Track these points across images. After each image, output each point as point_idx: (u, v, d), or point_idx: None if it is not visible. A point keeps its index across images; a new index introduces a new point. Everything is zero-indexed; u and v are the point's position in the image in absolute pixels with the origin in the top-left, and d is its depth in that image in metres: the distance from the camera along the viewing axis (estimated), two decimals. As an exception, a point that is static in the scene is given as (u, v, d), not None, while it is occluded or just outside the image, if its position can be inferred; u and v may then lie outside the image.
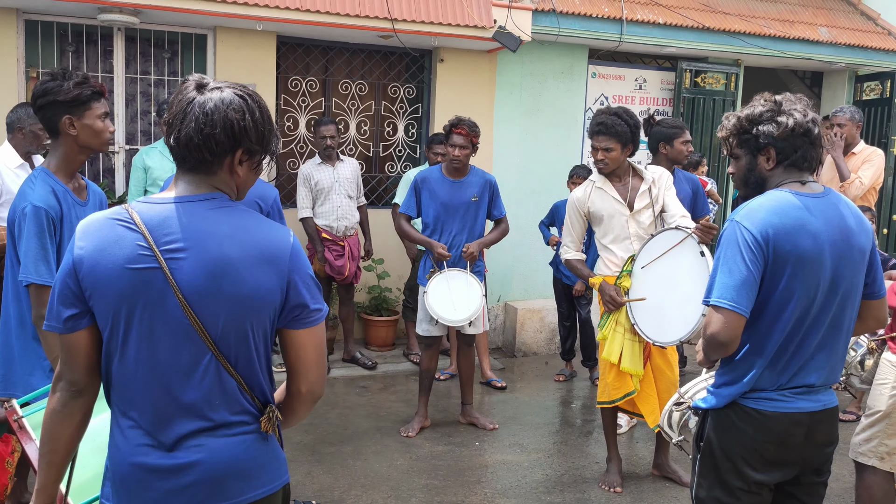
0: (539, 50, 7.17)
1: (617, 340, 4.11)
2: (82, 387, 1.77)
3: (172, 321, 1.69)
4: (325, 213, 6.05)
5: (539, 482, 4.36)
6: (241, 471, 1.76)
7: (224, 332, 1.71)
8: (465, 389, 5.19)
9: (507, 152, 7.26)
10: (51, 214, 2.66)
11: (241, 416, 1.76)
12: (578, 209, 4.24)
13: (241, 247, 1.71)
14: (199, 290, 1.68)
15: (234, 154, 1.75)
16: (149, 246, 1.68)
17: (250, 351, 1.75)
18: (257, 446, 1.79)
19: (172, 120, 1.73)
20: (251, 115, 1.74)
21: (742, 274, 2.22)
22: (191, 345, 1.70)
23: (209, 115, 1.70)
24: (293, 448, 4.67)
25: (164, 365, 1.71)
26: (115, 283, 1.68)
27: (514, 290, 7.42)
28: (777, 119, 2.32)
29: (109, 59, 6.20)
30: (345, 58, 6.96)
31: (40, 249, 2.63)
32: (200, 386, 1.71)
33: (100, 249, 1.69)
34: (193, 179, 1.76)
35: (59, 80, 2.72)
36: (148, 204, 1.74)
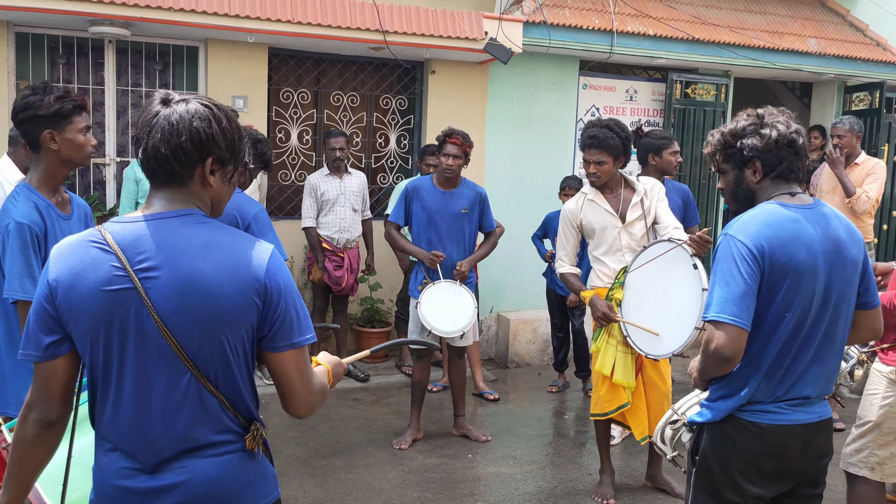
0: (530, 61, 7.19)
1: (609, 353, 4.10)
2: (55, 418, 1.77)
3: (150, 342, 1.67)
4: (328, 224, 6.06)
5: (532, 494, 4.34)
6: (227, 491, 1.75)
7: (201, 351, 1.69)
8: (457, 401, 5.18)
9: (499, 163, 7.27)
10: (34, 230, 2.63)
11: (224, 435, 1.74)
12: (571, 222, 4.24)
13: (213, 263, 1.68)
14: (173, 308, 1.66)
15: (203, 164, 1.74)
16: (122, 266, 1.66)
17: (230, 368, 1.73)
18: (243, 465, 1.77)
19: (139, 134, 1.74)
20: (217, 123, 1.74)
21: (740, 287, 2.22)
22: (169, 365, 1.68)
23: (174, 125, 1.70)
24: (285, 461, 4.64)
25: (144, 387, 1.69)
26: (91, 306, 1.67)
27: (506, 300, 7.41)
28: (760, 132, 2.34)
29: (100, 71, 6.19)
30: (336, 69, 6.97)
31: (25, 266, 2.61)
32: (182, 406, 1.70)
33: (75, 273, 1.68)
34: (166, 195, 1.75)
35: (39, 95, 2.69)
36: (120, 224, 1.73)
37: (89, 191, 6.26)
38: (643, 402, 4.13)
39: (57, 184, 2.82)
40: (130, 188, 5.30)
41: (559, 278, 4.37)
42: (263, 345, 1.76)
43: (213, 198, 1.81)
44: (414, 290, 4.96)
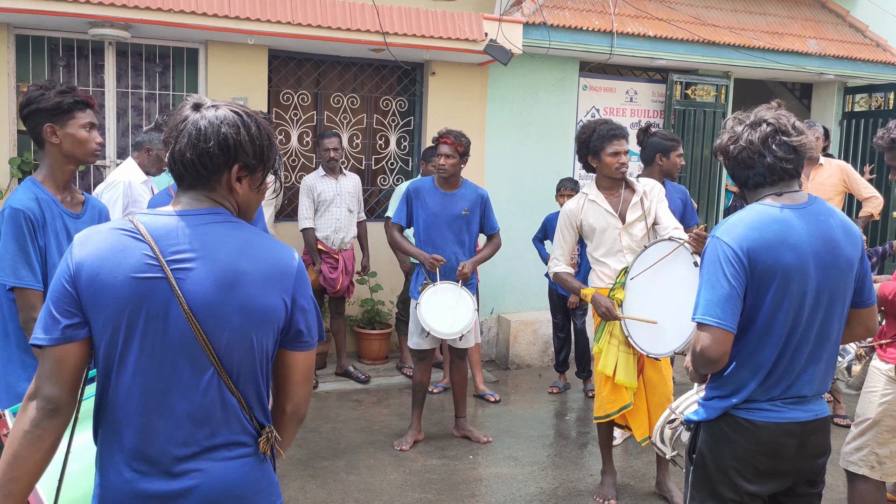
0: (530, 63, 7.20)
1: (612, 353, 4.09)
2: (60, 405, 1.67)
3: (175, 334, 1.66)
4: (324, 225, 6.07)
5: (534, 495, 4.33)
6: (239, 496, 1.73)
7: (228, 348, 1.69)
8: (458, 402, 5.17)
9: (499, 165, 7.27)
10: (29, 216, 2.62)
11: (240, 436, 1.74)
12: (572, 221, 4.22)
13: (251, 261, 1.71)
14: (206, 301, 1.66)
15: (230, 170, 1.75)
16: (155, 256, 1.66)
17: (254, 368, 1.74)
18: (255, 469, 1.77)
19: (168, 138, 1.76)
20: (246, 129, 1.75)
21: (724, 290, 2.24)
22: (194, 359, 1.67)
23: (203, 131, 1.72)
24: (286, 463, 4.64)
25: (164, 380, 1.67)
26: (118, 292, 1.65)
27: (507, 302, 7.41)
28: (729, 148, 2.40)
29: (100, 73, 6.19)
30: (336, 71, 6.97)
31: (19, 251, 2.61)
32: (202, 403, 1.68)
33: (102, 258, 1.67)
34: (194, 195, 1.76)
35: (42, 90, 2.72)
36: (152, 216, 1.74)
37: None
38: (644, 403, 4.12)
39: (64, 180, 2.81)
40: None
41: (553, 278, 4.33)
42: (281, 343, 1.79)
43: (240, 203, 1.82)
44: (414, 292, 4.95)
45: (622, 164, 4.10)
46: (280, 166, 1.88)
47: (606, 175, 4.15)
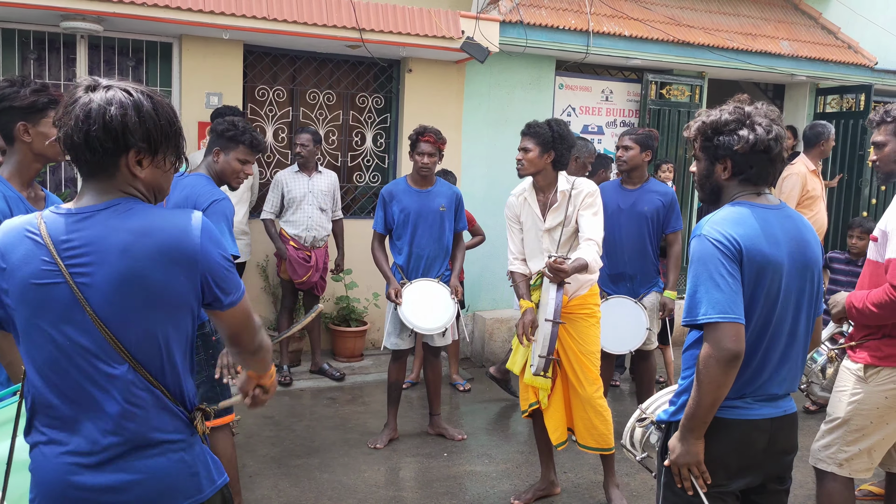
0: (507, 61, 7.21)
1: (521, 352, 4.12)
2: None
3: (85, 337, 1.66)
4: (296, 223, 6.03)
5: (507, 493, 4.35)
6: (177, 484, 1.76)
7: (140, 344, 1.69)
8: (432, 400, 5.17)
9: (475, 163, 7.28)
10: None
11: (170, 425, 1.75)
12: (514, 215, 4.17)
13: (144, 252, 1.67)
14: (108, 302, 1.65)
15: (126, 154, 1.71)
16: (53, 259, 1.65)
17: (173, 358, 1.74)
18: (189, 457, 1.78)
19: (57, 122, 1.71)
20: (136, 111, 1.70)
21: (728, 284, 2.21)
22: (108, 360, 1.68)
23: (89, 114, 1.66)
24: (259, 461, 4.61)
25: (83, 380, 1.68)
26: (24, 296, 1.67)
27: (482, 300, 7.42)
28: (739, 132, 2.31)
29: (72, 66, 6.11)
30: (312, 67, 6.94)
31: None
32: (124, 400, 1.69)
33: (12, 262, 1.69)
34: (96, 187, 1.73)
35: (16, 87, 2.68)
36: (56, 215, 1.71)
37: (61, 188, 6.18)
38: (561, 405, 4.11)
39: (29, 178, 2.78)
40: None
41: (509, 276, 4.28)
42: (208, 307, 1.80)
43: (146, 186, 1.78)
44: (392, 296, 4.94)
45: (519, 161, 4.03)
46: (185, 144, 1.86)
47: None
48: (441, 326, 4.84)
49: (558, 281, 3.70)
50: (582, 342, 4.01)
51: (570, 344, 4.00)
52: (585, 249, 3.84)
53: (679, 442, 2.32)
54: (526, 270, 4.20)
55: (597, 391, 4.01)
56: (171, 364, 1.74)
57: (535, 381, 4.04)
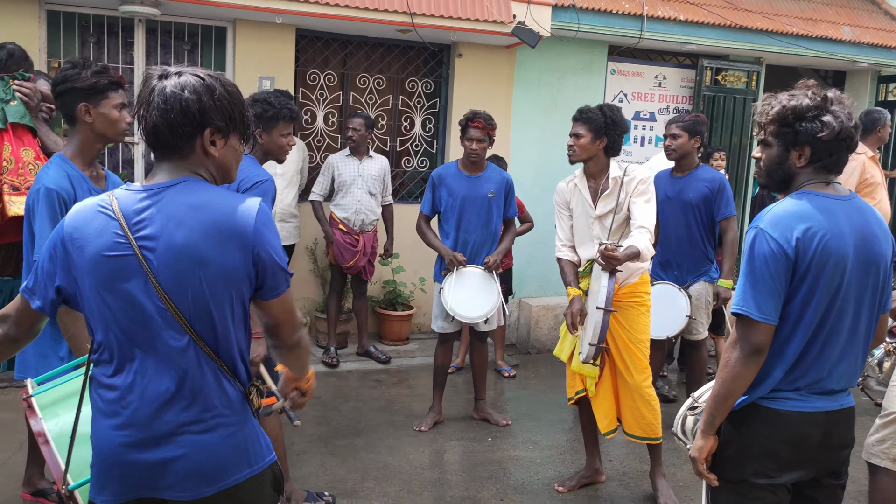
0: (558, 46, 7.14)
1: (568, 340, 4.10)
2: (19, 338, 1.94)
3: (150, 308, 1.72)
4: (345, 206, 6.08)
5: (552, 479, 4.34)
6: (226, 460, 1.78)
7: (198, 316, 1.74)
8: (478, 385, 5.19)
9: (524, 149, 7.24)
10: (62, 196, 2.69)
11: (224, 400, 1.79)
12: (563, 202, 4.15)
13: (198, 225, 1.73)
14: (170, 274, 1.71)
15: (201, 135, 1.80)
16: (124, 233, 1.73)
17: (229, 333, 1.78)
18: (240, 433, 1.81)
19: (140, 106, 1.80)
20: (210, 94, 1.79)
21: (767, 284, 2.18)
22: (170, 330, 1.73)
23: (167, 99, 1.76)
24: (306, 440, 4.68)
25: (146, 352, 1.74)
26: (94, 270, 1.74)
27: (528, 287, 7.40)
28: (823, 119, 2.22)
29: (130, 50, 6.23)
30: (363, 51, 6.96)
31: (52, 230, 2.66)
32: (181, 372, 1.74)
33: (84, 237, 1.76)
34: (168, 167, 1.82)
35: (77, 69, 2.76)
36: (127, 192, 1.79)
37: (118, 169, 6.32)
38: (610, 394, 4.07)
39: (91, 158, 2.87)
40: None
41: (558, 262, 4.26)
42: (254, 295, 1.84)
43: (217, 166, 1.87)
44: (438, 275, 4.96)
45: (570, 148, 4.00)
46: (253, 125, 1.93)
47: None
48: (482, 316, 4.84)
49: (610, 269, 3.67)
50: (632, 330, 3.97)
51: (620, 332, 3.96)
52: (637, 237, 3.79)
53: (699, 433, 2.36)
54: (574, 258, 4.17)
55: (645, 380, 3.98)
56: (226, 338, 1.78)
57: (582, 368, 4.01)
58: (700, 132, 4.92)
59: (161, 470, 1.74)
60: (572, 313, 3.96)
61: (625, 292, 3.98)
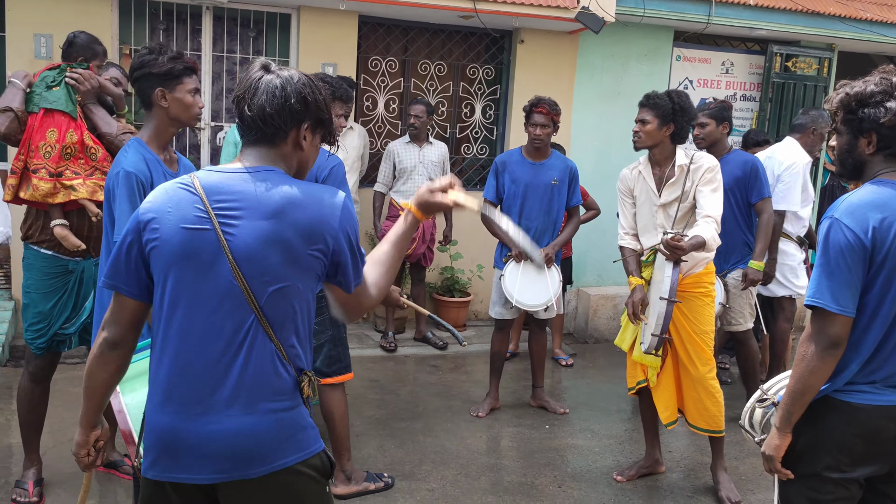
0: (622, 31, 7.02)
1: (630, 329, 4.05)
2: (119, 341, 1.88)
3: (221, 282, 1.75)
4: (406, 193, 6.12)
5: (610, 468, 4.31)
6: (272, 442, 1.78)
7: (270, 297, 1.76)
8: (536, 373, 5.17)
9: (586, 136, 7.16)
10: (140, 179, 2.77)
11: (277, 385, 1.79)
12: (627, 189, 4.10)
13: (292, 220, 1.77)
14: (249, 253, 1.74)
15: (299, 127, 1.86)
16: (205, 208, 1.76)
17: (294, 318, 1.81)
18: (287, 417, 1.81)
19: (244, 94, 1.84)
20: (316, 90, 1.87)
21: (844, 277, 2.13)
22: (236, 308, 1.75)
23: (281, 87, 1.82)
24: (365, 422, 4.74)
25: (208, 326, 1.76)
26: (171, 241, 1.77)
27: (587, 276, 7.33)
28: (886, 104, 2.17)
29: (198, 37, 6.36)
30: (425, 38, 6.97)
31: (131, 212, 2.74)
32: (240, 351, 1.75)
33: (162, 211, 1.79)
34: (255, 153, 1.86)
35: (154, 54, 2.83)
36: (209, 172, 1.85)
37: (185, 154, 6.47)
38: (672, 384, 4.00)
39: (165, 141, 2.95)
40: (230, 150, 5.45)
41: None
42: (328, 280, 1.88)
43: (300, 161, 1.92)
44: (498, 262, 4.95)
45: (636, 134, 3.93)
46: (334, 128, 1.96)
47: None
48: (544, 303, 4.82)
49: (675, 259, 3.61)
50: (696, 321, 3.90)
51: (683, 323, 3.90)
52: (703, 227, 3.72)
53: (774, 431, 2.31)
54: (637, 246, 4.11)
55: (710, 371, 3.91)
56: (292, 323, 1.81)
57: (644, 358, 3.97)
58: (727, 118, 4.80)
59: (208, 449, 1.75)
60: (634, 303, 3.91)
61: (689, 282, 3.91)
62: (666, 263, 3.66)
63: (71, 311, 3.61)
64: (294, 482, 1.81)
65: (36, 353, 3.59)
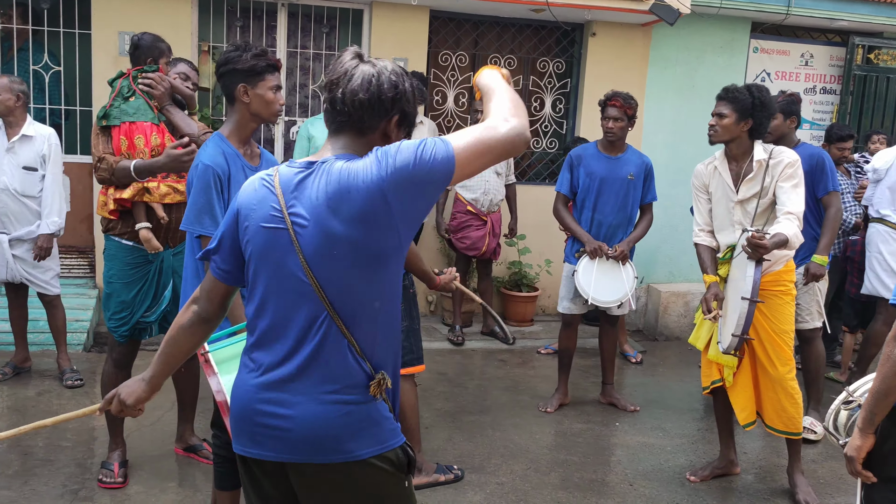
0: (697, 23, 6.88)
1: (705, 327, 3.95)
2: (211, 317, 1.99)
3: (294, 279, 1.77)
4: (473, 188, 6.12)
5: (683, 467, 4.24)
6: (340, 433, 1.78)
7: (339, 293, 1.76)
8: (606, 369, 5.12)
9: (658, 130, 7.04)
10: (217, 172, 2.84)
11: (348, 379, 1.79)
12: (702, 185, 4.01)
13: (347, 201, 1.75)
14: (317, 250, 1.75)
15: (390, 118, 1.84)
16: (279, 206, 1.78)
17: (368, 311, 1.79)
18: (358, 411, 1.80)
19: (338, 80, 1.82)
20: (409, 84, 1.87)
21: None
22: (309, 303, 1.77)
23: (377, 77, 1.81)
24: (434, 414, 4.78)
25: (284, 320, 1.80)
26: (255, 239, 1.81)
27: (658, 272, 7.22)
28: None
29: (272, 33, 6.49)
30: (495, 32, 6.96)
31: (206, 204, 2.82)
32: (313, 344, 1.77)
33: (250, 207, 1.83)
34: (342, 142, 1.85)
35: (239, 51, 2.89)
36: (290, 168, 1.84)
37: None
38: (749, 385, 3.89)
39: (246, 136, 3.01)
40: (303, 144, 5.55)
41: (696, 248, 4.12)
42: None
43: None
44: (570, 257, 4.92)
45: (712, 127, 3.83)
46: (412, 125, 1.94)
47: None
48: (618, 300, 4.77)
49: (757, 257, 3.52)
50: (776, 321, 3.80)
51: (763, 322, 3.80)
52: (785, 224, 3.61)
53: (857, 432, 2.25)
54: (712, 243, 4.03)
55: (789, 372, 3.80)
56: (366, 317, 1.80)
57: (720, 357, 3.88)
58: (795, 112, 4.63)
59: (280, 431, 1.79)
60: (708, 300, 3.83)
61: (768, 280, 3.81)
62: (747, 262, 3.57)
63: (151, 300, 3.74)
64: (369, 475, 1.81)
65: (119, 341, 3.73)
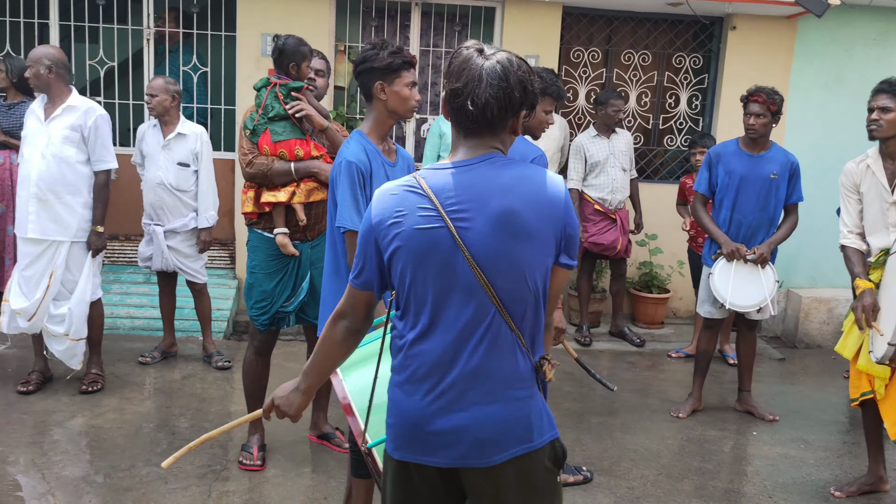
0: (847, 14, 6.48)
1: (854, 335, 3.70)
2: (361, 327, 2.00)
3: (460, 278, 1.76)
4: (599, 186, 6.03)
5: (827, 482, 4.01)
6: (510, 431, 1.78)
7: (508, 288, 1.76)
8: (743, 376, 4.92)
9: (803, 128, 6.68)
10: (360, 168, 2.91)
11: (517, 374, 1.79)
12: (852, 184, 3.79)
13: (521, 198, 1.77)
14: (486, 247, 1.74)
15: (518, 114, 1.83)
16: (435, 208, 1.77)
17: (536, 304, 1.80)
18: (525, 406, 1.81)
19: (467, 84, 1.79)
20: (534, 77, 1.84)
21: None
22: (476, 301, 1.76)
23: (504, 77, 1.77)
24: (562, 414, 4.74)
25: (450, 321, 1.78)
26: (409, 244, 1.79)
27: (798, 276, 6.86)
28: None
29: (406, 32, 6.61)
30: (629, 27, 6.81)
31: (353, 200, 2.90)
32: (482, 342, 1.77)
33: (396, 213, 1.81)
34: (473, 143, 1.84)
35: (376, 49, 2.96)
36: (432, 171, 1.84)
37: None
38: None
39: (384, 133, 3.08)
40: (434, 142, 5.63)
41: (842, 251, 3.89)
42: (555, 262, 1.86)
43: (511, 144, 1.91)
44: (707, 259, 4.75)
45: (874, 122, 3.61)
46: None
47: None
48: (756, 304, 4.58)
49: None
50: None
51: None
52: None
53: None
54: (862, 246, 3.80)
55: None
56: (532, 310, 1.81)
57: (871, 368, 3.65)
58: None
59: (453, 436, 1.79)
60: (864, 307, 3.61)
61: None
62: None
63: (291, 290, 3.89)
64: (530, 470, 1.82)
65: (260, 329, 3.90)
